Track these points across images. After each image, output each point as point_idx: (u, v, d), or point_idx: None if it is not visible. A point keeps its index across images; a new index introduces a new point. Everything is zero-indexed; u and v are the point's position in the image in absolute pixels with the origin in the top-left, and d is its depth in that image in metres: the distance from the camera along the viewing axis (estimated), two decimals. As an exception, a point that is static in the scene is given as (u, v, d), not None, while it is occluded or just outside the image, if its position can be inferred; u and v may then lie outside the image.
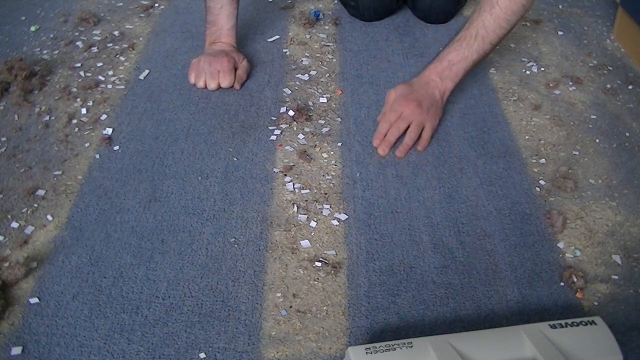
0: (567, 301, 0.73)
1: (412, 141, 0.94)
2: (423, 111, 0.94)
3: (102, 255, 0.78)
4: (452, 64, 0.96)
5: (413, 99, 0.94)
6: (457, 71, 0.96)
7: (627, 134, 0.98)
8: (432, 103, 0.95)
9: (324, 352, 0.67)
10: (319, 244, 0.80)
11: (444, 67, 0.96)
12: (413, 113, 0.94)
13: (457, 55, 0.95)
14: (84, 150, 0.95)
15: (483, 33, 0.94)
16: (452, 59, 0.96)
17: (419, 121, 0.94)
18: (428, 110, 0.95)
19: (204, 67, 1.07)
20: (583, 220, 0.83)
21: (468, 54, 0.95)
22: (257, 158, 0.93)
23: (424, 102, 0.95)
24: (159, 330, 0.69)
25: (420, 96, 0.95)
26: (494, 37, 0.95)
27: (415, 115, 0.94)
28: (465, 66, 0.96)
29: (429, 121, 0.95)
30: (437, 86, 0.96)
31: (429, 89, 0.96)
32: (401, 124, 0.94)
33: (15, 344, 0.67)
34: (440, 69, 0.96)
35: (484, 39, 0.94)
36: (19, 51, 1.19)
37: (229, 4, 1.09)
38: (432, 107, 0.95)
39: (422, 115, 0.94)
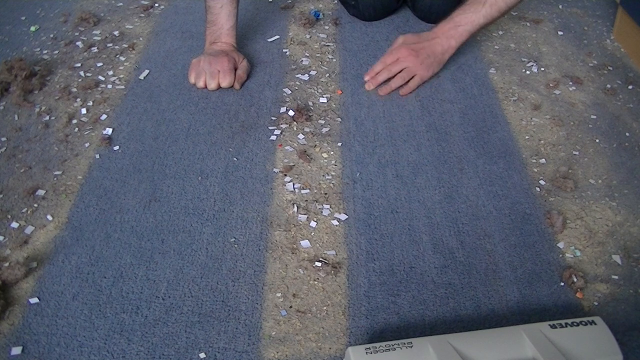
0: (567, 301, 0.73)
1: (396, 85, 1.03)
2: (418, 61, 1.03)
3: (102, 255, 0.78)
4: (458, 25, 1.03)
5: (413, 49, 1.03)
6: (462, 32, 1.03)
7: (627, 134, 0.98)
8: (430, 56, 1.04)
9: (324, 352, 0.67)
10: (319, 244, 0.80)
11: (450, 27, 1.04)
12: (408, 60, 1.03)
13: (465, 18, 1.03)
14: (84, 150, 0.95)
15: (492, 0, 1.01)
16: (459, 21, 1.04)
17: (411, 68, 1.03)
18: (423, 62, 1.03)
19: (204, 67, 1.07)
20: (583, 220, 0.83)
21: (475, 18, 1.02)
22: (257, 158, 0.93)
23: (422, 53, 1.03)
24: (159, 330, 0.69)
25: (421, 47, 1.03)
26: (503, 4, 1.01)
27: (409, 62, 1.03)
28: (470, 29, 1.03)
29: (420, 70, 1.03)
30: (441, 43, 1.04)
31: (433, 43, 1.04)
32: (394, 67, 1.03)
33: (15, 344, 0.67)
34: (446, 29, 1.04)
35: (492, 6, 1.01)
36: (19, 51, 1.19)
37: (229, 3, 1.09)
38: (429, 60, 1.03)
39: (416, 65, 1.03)
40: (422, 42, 1.05)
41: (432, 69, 1.05)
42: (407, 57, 1.03)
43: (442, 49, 1.05)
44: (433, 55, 1.04)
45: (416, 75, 1.03)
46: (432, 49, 1.04)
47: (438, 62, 1.06)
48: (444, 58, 1.06)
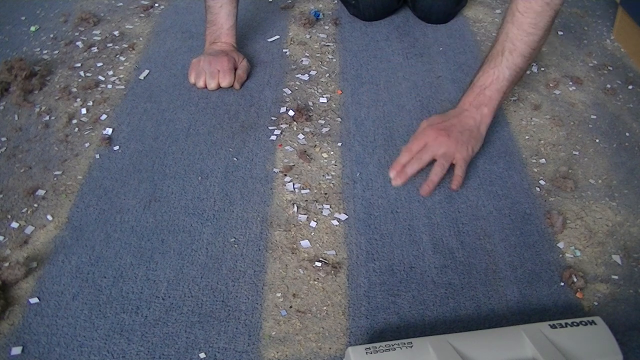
0: (567, 301, 0.73)
1: (438, 177, 0.84)
2: (452, 141, 0.84)
3: (102, 255, 0.78)
4: (484, 89, 0.88)
5: (441, 128, 0.86)
6: (490, 95, 0.88)
7: (627, 134, 0.98)
8: (464, 132, 0.86)
9: (324, 352, 0.67)
10: (319, 244, 0.80)
11: (476, 94, 0.89)
12: (439, 143, 0.84)
13: (488, 78, 0.88)
14: (84, 150, 0.95)
15: (510, 46, 0.86)
16: (483, 83, 0.88)
17: (446, 153, 0.84)
18: (458, 140, 0.85)
19: (204, 67, 1.07)
20: (583, 220, 0.83)
21: (499, 74, 0.87)
22: (257, 158, 0.93)
23: (454, 131, 0.85)
24: (159, 330, 0.69)
25: (450, 125, 0.86)
26: (524, 46, 0.86)
27: (442, 146, 0.84)
28: (498, 87, 0.88)
29: (459, 152, 0.84)
30: (472, 115, 0.88)
31: (462, 118, 0.88)
32: (424, 155, 0.84)
33: (15, 344, 0.67)
34: (472, 97, 0.89)
35: (512, 52, 0.86)
36: (19, 51, 1.19)
37: (228, 2, 1.09)
38: (464, 137, 0.85)
39: (451, 146, 0.84)
40: (449, 120, 0.87)
41: (471, 145, 0.86)
42: (436, 139, 0.84)
43: (475, 122, 0.87)
44: (468, 130, 0.86)
45: (457, 159, 0.85)
46: (463, 125, 0.87)
47: (475, 137, 0.87)
48: (481, 131, 0.88)
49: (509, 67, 0.87)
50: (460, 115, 0.88)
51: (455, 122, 0.87)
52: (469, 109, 0.89)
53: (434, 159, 0.85)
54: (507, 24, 0.87)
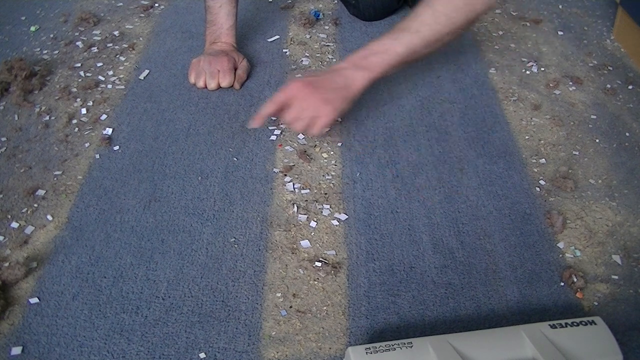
0: (567, 301, 0.73)
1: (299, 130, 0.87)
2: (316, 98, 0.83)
3: (102, 255, 0.78)
4: (372, 54, 0.85)
5: (308, 83, 0.84)
6: (375, 61, 0.85)
7: (627, 134, 0.98)
8: (331, 90, 0.84)
9: (324, 352, 0.67)
10: (319, 244, 0.80)
11: (362, 56, 0.86)
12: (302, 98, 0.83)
13: (381, 47, 0.85)
14: (84, 150, 0.95)
15: (416, 26, 0.85)
16: (374, 49, 0.86)
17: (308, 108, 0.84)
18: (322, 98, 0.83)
19: (204, 67, 1.07)
20: (583, 220, 0.83)
21: (394, 47, 0.85)
22: (257, 158, 0.93)
23: (321, 88, 0.83)
24: (159, 330, 0.69)
25: (319, 81, 0.84)
26: (429, 33, 0.84)
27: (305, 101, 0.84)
28: (386, 58, 0.84)
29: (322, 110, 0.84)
30: (346, 74, 0.85)
31: (335, 75, 0.85)
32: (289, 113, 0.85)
33: (15, 344, 0.67)
34: (357, 58, 0.86)
35: (415, 34, 0.84)
36: (19, 51, 1.19)
37: (228, 2, 1.09)
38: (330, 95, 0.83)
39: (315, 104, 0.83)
40: (321, 74, 0.85)
41: (336, 105, 0.83)
42: (299, 94, 0.83)
43: (345, 81, 0.84)
44: (336, 89, 0.84)
45: (318, 117, 0.84)
46: (332, 82, 0.84)
47: (343, 96, 0.84)
48: (351, 92, 0.85)
49: (405, 44, 0.85)
50: (335, 72, 0.86)
51: (326, 77, 0.85)
52: (348, 67, 0.86)
53: None
54: (424, 6, 0.85)
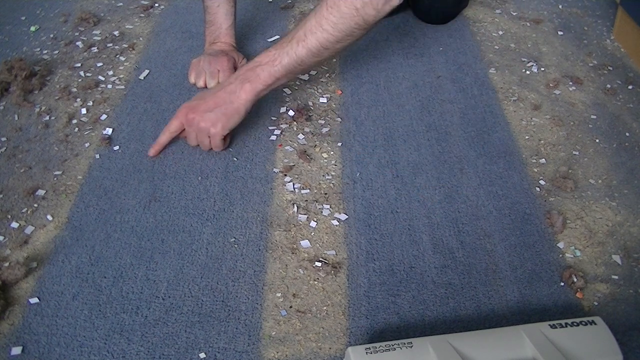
0: (567, 301, 0.73)
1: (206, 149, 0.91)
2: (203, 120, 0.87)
3: (102, 255, 0.78)
4: (258, 66, 0.86)
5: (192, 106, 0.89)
6: (259, 74, 0.86)
7: (627, 134, 0.98)
8: (215, 110, 0.87)
9: (324, 352, 0.67)
10: (319, 244, 0.80)
11: (249, 68, 0.88)
12: (190, 122, 0.88)
13: (266, 58, 0.86)
14: (84, 150, 0.95)
15: (301, 35, 0.83)
16: (260, 61, 0.87)
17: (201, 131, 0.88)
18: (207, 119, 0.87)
19: (204, 67, 1.07)
20: (583, 220, 0.83)
21: (278, 57, 0.85)
22: (257, 158, 0.93)
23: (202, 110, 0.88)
24: (159, 330, 0.69)
25: (202, 104, 0.88)
26: (313, 41, 0.82)
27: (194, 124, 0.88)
28: (271, 70, 0.85)
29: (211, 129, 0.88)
30: (231, 89, 0.87)
31: (220, 93, 0.88)
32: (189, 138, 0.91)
33: (15, 344, 0.67)
34: (244, 70, 0.88)
35: (300, 42, 0.83)
36: (19, 51, 1.19)
37: (226, 2, 1.09)
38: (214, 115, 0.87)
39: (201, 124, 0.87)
40: (205, 96, 0.89)
41: (221, 122, 0.87)
42: (187, 121, 0.88)
43: (229, 97, 0.87)
44: (220, 107, 0.87)
45: (211, 135, 0.88)
46: (216, 101, 0.87)
47: (227, 113, 0.87)
48: (236, 106, 0.87)
49: (289, 55, 0.84)
50: (221, 89, 0.88)
51: (209, 97, 0.88)
52: (234, 82, 0.88)
53: None
54: (311, 13, 0.84)
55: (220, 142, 0.90)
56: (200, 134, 0.89)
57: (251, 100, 0.88)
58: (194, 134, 0.90)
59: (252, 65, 0.87)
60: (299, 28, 0.84)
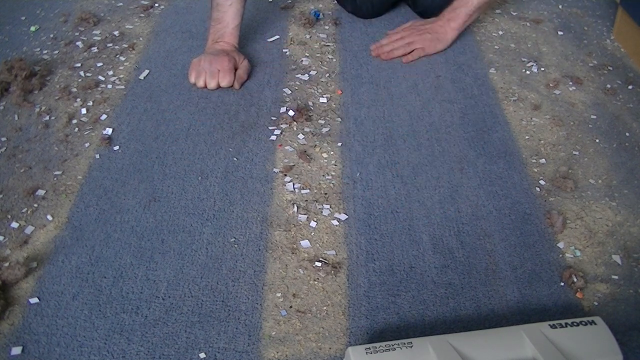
0: (567, 301, 0.73)
1: (398, 52, 1.15)
2: (421, 37, 1.15)
3: (102, 255, 0.78)
4: (456, 8, 1.15)
5: (416, 27, 1.17)
6: (459, 13, 1.15)
7: (627, 134, 0.98)
8: (432, 34, 1.16)
9: (324, 352, 0.67)
10: (319, 244, 0.80)
11: (449, 11, 1.16)
12: (411, 37, 1.15)
13: (460, 2, 1.15)
14: (84, 150, 0.95)
15: None
16: (457, 5, 1.15)
17: (414, 43, 1.14)
18: (425, 38, 1.15)
19: (204, 66, 1.07)
20: (583, 220, 0.83)
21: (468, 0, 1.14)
22: (257, 158, 0.93)
23: (424, 31, 1.16)
24: (159, 330, 0.69)
25: (424, 28, 1.17)
26: None
27: (412, 38, 1.15)
28: (467, 10, 1.14)
29: (423, 44, 1.15)
30: (442, 24, 1.17)
31: (435, 25, 1.17)
32: (398, 42, 1.15)
33: (15, 344, 0.67)
34: (447, 13, 1.17)
35: None
36: (19, 51, 1.19)
37: (238, 1, 1.09)
38: (431, 36, 1.15)
39: (419, 40, 1.15)
40: (426, 24, 1.18)
41: (434, 45, 1.15)
42: (410, 34, 1.16)
43: (442, 29, 1.16)
44: (435, 33, 1.15)
45: (418, 48, 1.14)
46: (434, 29, 1.16)
47: (440, 40, 1.16)
48: (447, 37, 1.16)
49: None
50: (435, 22, 1.18)
51: (428, 27, 1.18)
52: (442, 20, 1.17)
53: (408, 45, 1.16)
54: None
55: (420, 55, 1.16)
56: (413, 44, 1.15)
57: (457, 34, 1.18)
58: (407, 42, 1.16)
59: (452, 9, 1.16)
60: None
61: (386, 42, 1.17)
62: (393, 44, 1.16)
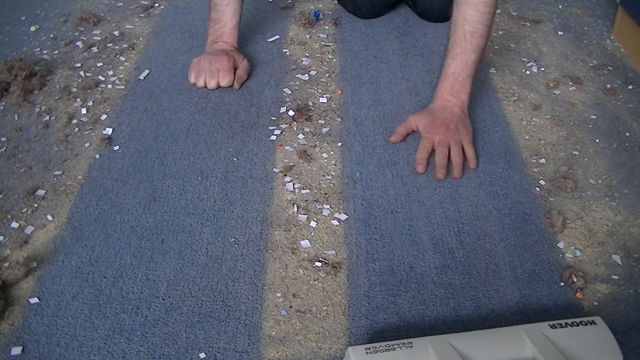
0: (567, 301, 0.73)
1: (461, 159, 0.91)
2: (454, 132, 0.92)
3: (102, 255, 0.78)
4: (457, 76, 0.95)
5: (439, 124, 0.93)
6: (463, 80, 0.95)
7: (627, 134, 0.98)
8: (457, 121, 0.94)
9: (324, 352, 0.67)
10: (319, 244, 0.80)
11: (451, 83, 0.95)
12: (446, 136, 0.92)
13: (458, 66, 0.94)
14: (84, 150, 0.95)
15: (469, 28, 0.92)
16: (454, 71, 0.95)
17: (456, 140, 0.92)
18: (457, 129, 0.93)
19: (204, 66, 1.07)
20: (583, 220, 0.83)
21: (466, 59, 0.94)
22: (257, 158, 0.93)
23: (451, 123, 0.93)
24: (159, 330, 0.69)
25: (444, 119, 0.94)
26: (481, 27, 0.92)
27: (449, 137, 0.92)
28: (469, 72, 0.95)
29: (464, 137, 0.93)
30: (454, 104, 0.95)
31: (448, 109, 0.95)
32: (441, 148, 0.91)
33: (15, 344, 0.67)
34: (449, 87, 0.96)
35: (474, 35, 0.92)
36: (19, 51, 1.19)
37: (235, 1, 1.09)
38: (460, 124, 0.94)
39: (456, 135, 0.92)
40: (439, 115, 0.95)
41: (467, 129, 0.95)
42: (442, 134, 0.92)
43: (459, 109, 0.96)
44: (459, 119, 0.94)
45: (465, 143, 0.93)
46: (453, 115, 0.95)
47: (465, 121, 0.96)
48: (466, 114, 0.96)
49: (474, 51, 0.93)
50: (444, 107, 0.96)
51: (446, 115, 0.95)
52: (450, 99, 0.96)
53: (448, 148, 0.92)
54: (460, 4, 0.92)
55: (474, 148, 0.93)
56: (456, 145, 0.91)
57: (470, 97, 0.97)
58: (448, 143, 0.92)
59: (453, 79, 0.95)
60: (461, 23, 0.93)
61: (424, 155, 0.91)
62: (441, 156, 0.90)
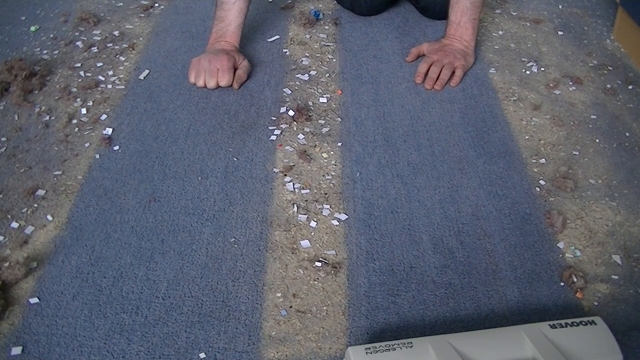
0: (567, 301, 0.73)
1: (447, 77, 1.08)
2: (450, 56, 1.10)
3: (102, 255, 0.78)
4: (458, 22, 1.12)
5: (440, 49, 1.12)
6: (464, 25, 1.12)
7: (627, 134, 0.98)
8: (457, 51, 1.12)
9: (324, 352, 0.67)
10: (319, 244, 0.80)
11: (454, 28, 1.13)
12: (442, 58, 1.10)
13: (456, 13, 1.12)
14: (84, 150, 0.95)
15: None
16: (455, 18, 1.13)
17: (450, 62, 1.09)
18: (455, 56, 1.10)
19: (204, 65, 1.07)
20: (583, 220, 0.83)
21: (462, 6, 1.11)
22: (257, 158, 0.93)
23: (450, 51, 1.12)
24: (159, 330, 0.69)
25: (446, 48, 1.13)
26: None
27: (445, 59, 1.10)
28: (468, 17, 1.11)
29: (458, 62, 1.10)
30: (459, 42, 1.13)
31: (453, 46, 1.13)
32: (436, 66, 1.09)
33: (15, 344, 0.67)
34: (452, 31, 1.14)
35: None
36: (19, 51, 1.19)
37: (241, 0, 1.09)
38: (458, 54, 1.11)
39: (452, 59, 1.10)
40: (443, 45, 1.13)
41: (467, 60, 1.12)
42: (440, 58, 1.10)
43: (461, 45, 1.13)
44: (461, 51, 1.12)
45: (457, 67, 1.10)
46: (454, 48, 1.12)
47: (467, 54, 1.12)
48: (469, 50, 1.13)
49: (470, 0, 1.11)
50: (449, 43, 1.14)
51: (450, 48, 1.13)
52: (452, 39, 1.14)
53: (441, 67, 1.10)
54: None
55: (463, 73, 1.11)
56: (449, 65, 1.09)
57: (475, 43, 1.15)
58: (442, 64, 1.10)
59: (455, 25, 1.13)
60: None
61: (424, 69, 1.10)
62: (435, 69, 1.09)
